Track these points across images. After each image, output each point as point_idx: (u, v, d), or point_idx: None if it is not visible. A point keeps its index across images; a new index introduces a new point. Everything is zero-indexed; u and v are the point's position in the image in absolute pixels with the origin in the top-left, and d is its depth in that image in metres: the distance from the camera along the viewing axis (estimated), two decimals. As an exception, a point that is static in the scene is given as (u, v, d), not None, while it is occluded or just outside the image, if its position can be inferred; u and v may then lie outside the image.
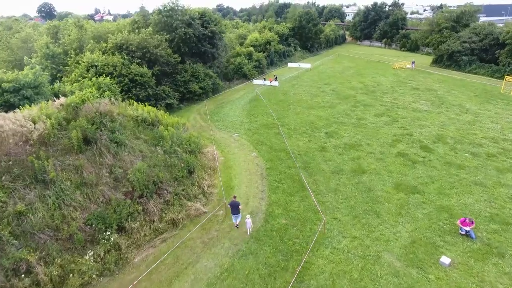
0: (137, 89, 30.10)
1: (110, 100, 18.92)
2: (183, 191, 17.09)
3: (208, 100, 37.34)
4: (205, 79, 37.64)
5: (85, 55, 30.51)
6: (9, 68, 31.60)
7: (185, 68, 37.10)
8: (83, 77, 28.04)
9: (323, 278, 12.38)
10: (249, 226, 14.86)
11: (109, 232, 13.62)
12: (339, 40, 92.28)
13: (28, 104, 17.42)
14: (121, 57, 31.16)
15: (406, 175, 19.56)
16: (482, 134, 25.29)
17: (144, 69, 31.09)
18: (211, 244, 14.41)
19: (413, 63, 53.42)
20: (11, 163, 13.15)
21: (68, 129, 15.46)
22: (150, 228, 14.80)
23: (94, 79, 25.64)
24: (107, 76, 27.87)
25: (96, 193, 14.34)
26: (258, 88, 42.08)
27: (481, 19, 70.25)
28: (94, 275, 12.34)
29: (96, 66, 29.22)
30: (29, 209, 12.51)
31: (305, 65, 57.19)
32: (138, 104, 21.77)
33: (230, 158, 22.33)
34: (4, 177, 12.71)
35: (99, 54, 30.98)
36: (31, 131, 14.30)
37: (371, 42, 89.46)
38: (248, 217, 15.00)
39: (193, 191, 17.53)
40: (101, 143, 15.85)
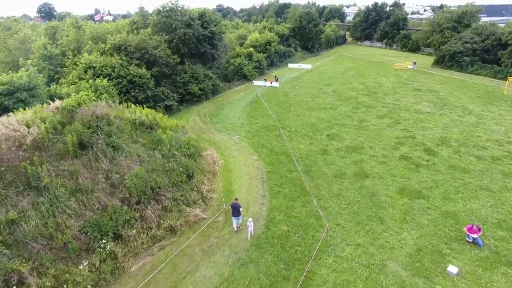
0: (136, 90, 29.69)
1: (107, 102, 18.51)
2: (181, 196, 16.64)
3: (208, 102, 36.89)
4: (204, 80, 37.17)
5: (83, 56, 30.08)
6: (6, 70, 31.22)
7: (184, 69, 36.68)
8: (81, 78, 27.61)
9: (326, 289, 11.94)
10: (250, 230, 14.47)
11: (105, 240, 13.16)
12: (340, 41, 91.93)
13: (22, 107, 16.97)
14: (120, 58, 30.75)
15: (410, 179, 19.12)
16: (486, 137, 24.84)
17: (143, 70, 30.66)
18: (210, 252, 13.97)
19: (414, 63, 52.98)
20: (3, 169, 12.71)
21: (63, 133, 15.00)
22: (147, 235, 14.34)
23: (92, 81, 25.20)
24: (105, 77, 27.46)
25: (91, 199, 13.88)
26: (259, 89, 41.63)
27: (482, 19, 69.93)
28: (89, 286, 11.88)
29: (94, 67, 28.81)
30: (21, 217, 12.06)
31: (305, 65, 56.73)
32: (136, 106, 21.33)
33: (230, 162, 21.89)
34: (-4, 183, 12.28)
35: (97, 55, 30.57)
36: (25, 136, 13.85)
37: (371, 42, 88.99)
38: (251, 220, 14.59)
39: (192, 196, 17.08)
40: (97, 148, 15.40)
